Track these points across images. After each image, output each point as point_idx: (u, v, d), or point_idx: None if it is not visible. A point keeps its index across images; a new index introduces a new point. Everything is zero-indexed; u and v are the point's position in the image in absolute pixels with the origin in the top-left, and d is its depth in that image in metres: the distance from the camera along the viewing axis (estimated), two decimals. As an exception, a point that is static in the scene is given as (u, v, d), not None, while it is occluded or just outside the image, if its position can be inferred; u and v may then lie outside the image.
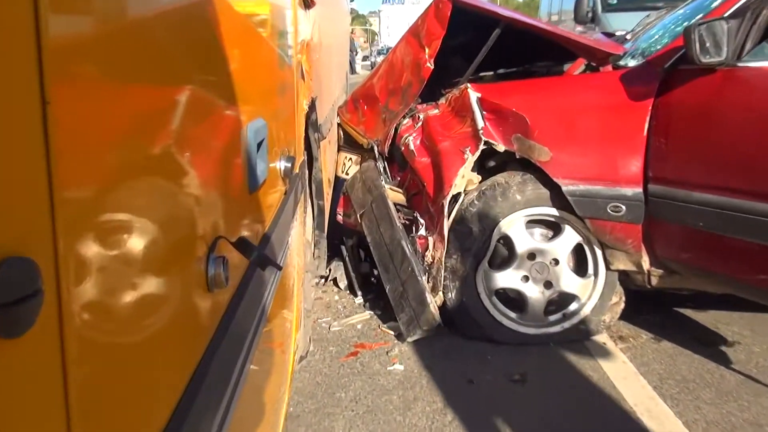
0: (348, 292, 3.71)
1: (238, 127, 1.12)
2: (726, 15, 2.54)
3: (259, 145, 1.23)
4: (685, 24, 2.79)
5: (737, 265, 2.57)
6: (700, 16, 2.80)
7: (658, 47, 2.96)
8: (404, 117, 3.54)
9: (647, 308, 3.42)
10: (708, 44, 2.48)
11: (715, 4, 2.80)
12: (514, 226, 3.02)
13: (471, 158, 3.00)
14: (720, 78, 2.54)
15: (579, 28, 8.29)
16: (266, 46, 1.50)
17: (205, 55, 0.95)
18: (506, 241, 3.08)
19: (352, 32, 19.35)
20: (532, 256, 3.05)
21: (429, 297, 3.02)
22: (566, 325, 3.12)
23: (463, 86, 3.20)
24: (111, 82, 0.63)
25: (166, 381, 0.76)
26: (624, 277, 3.05)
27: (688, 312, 3.46)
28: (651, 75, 2.81)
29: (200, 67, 0.93)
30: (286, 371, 1.82)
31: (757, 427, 2.45)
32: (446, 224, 3.00)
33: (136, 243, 0.67)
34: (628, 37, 4.00)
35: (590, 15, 8.37)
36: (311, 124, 2.45)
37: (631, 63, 3.08)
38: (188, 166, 0.84)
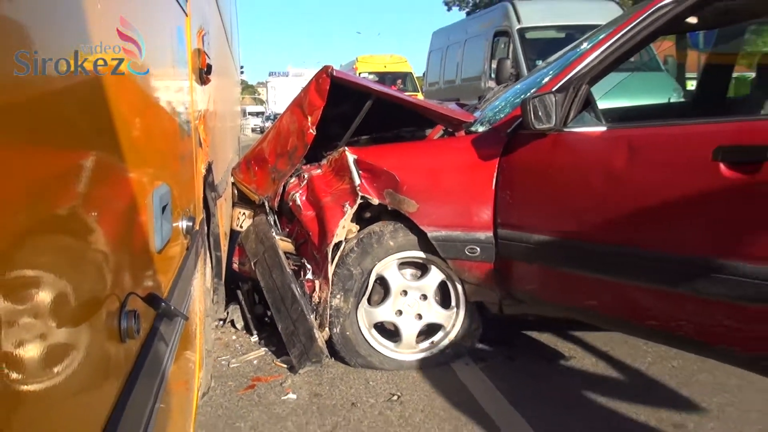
0: (244, 332, 3.65)
1: (145, 193, 1.13)
2: (554, 89, 2.66)
3: (164, 208, 1.23)
4: (522, 96, 2.95)
5: (568, 294, 2.73)
6: (534, 90, 2.94)
7: (502, 115, 3.07)
8: (291, 176, 3.56)
9: (502, 332, 3.56)
10: (540, 113, 2.59)
11: (545, 80, 2.94)
12: (388, 268, 3.11)
13: (350, 211, 3.06)
14: (550, 141, 2.67)
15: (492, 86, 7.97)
16: (168, 120, 1.51)
17: (115, 130, 0.96)
18: (382, 281, 3.16)
19: (242, 100, 19.10)
20: (404, 293, 3.14)
21: (317, 333, 3.03)
22: (435, 350, 3.20)
23: (341, 149, 3.27)
24: (26, 151, 0.64)
25: (85, 419, 0.76)
26: (481, 307, 3.18)
27: (534, 334, 3.64)
28: (496, 139, 2.92)
29: (111, 142, 0.94)
30: (191, 407, 1.79)
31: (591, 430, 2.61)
32: (330, 269, 3.04)
33: (56, 301, 0.68)
34: (478, 106, 4.20)
35: (513, 77, 8.24)
36: (208, 184, 2.44)
37: (481, 129, 3.19)
38: (102, 232, 0.85)
